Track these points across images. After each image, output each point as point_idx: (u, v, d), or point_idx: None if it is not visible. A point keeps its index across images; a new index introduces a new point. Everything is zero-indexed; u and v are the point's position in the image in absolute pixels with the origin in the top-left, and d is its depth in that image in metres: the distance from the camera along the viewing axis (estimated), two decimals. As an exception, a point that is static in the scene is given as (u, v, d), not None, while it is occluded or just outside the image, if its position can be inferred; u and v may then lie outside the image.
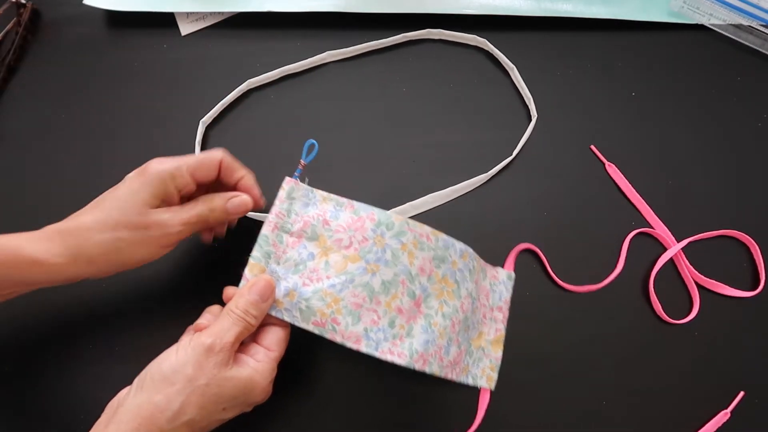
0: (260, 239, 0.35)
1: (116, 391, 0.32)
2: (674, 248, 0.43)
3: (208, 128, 0.48)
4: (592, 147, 0.47)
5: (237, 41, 0.52)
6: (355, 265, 0.34)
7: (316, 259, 0.35)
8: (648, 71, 0.50)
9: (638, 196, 0.45)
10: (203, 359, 0.30)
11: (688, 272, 0.43)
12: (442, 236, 0.37)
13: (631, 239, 0.44)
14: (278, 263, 0.35)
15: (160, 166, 0.34)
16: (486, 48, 0.51)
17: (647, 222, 0.45)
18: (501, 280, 0.42)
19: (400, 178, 0.46)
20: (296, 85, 0.50)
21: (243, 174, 0.37)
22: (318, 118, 0.43)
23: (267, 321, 0.34)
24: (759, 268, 0.43)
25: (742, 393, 0.40)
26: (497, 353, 0.40)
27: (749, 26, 0.50)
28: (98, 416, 0.31)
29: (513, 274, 0.42)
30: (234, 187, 0.37)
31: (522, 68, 0.49)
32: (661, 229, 0.44)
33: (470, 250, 0.38)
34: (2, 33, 0.51)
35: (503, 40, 0.50)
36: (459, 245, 0.37)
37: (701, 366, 0.41)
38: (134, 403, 0.29)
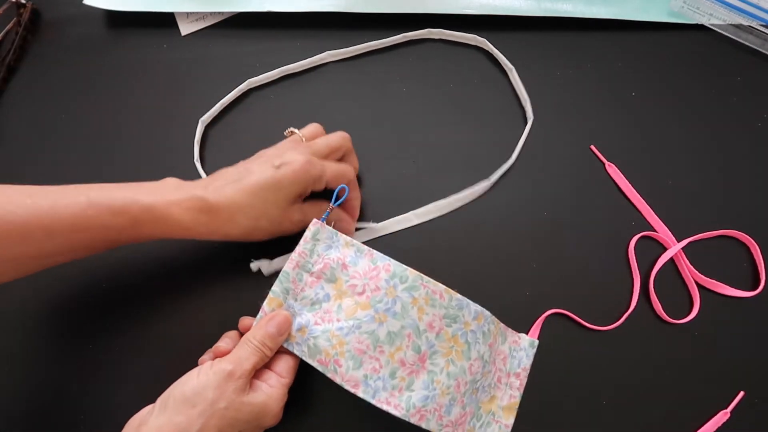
0: (282, 275, 0.36)
1: (114, 391, 0.32)
2: (674, 248, 0.43)
3: (208, 127, 0.48)
4: (592, 147, 0.47)
5: (237, 41, 0.52)
6: (365, 312, 0.35)
7: (331, 301, 0.36)
8: (648, 71, 0.50)
9: (638, 196, 0.45)
10: (224, 384, 0.32)
11: (689, 272, 0.43)
12: (457, 296, 0.36)
13: (635, 244, 0.44)
14: (295, 299, 0.36)
15: (313, 170, 0.37)
16: (485, 48, 0.51)
17: (647, 222, 0.45)
18: (522, 347, 0.41)
19: (400, 178, 0.46)
20: (296, 85, 0.50)
21: (357, 195, 0.41)
22: (318, 119, 0.43)
23: (279, 349, 0.36)
24: (759, 268, 0.43)
25: (741, 393, 0.40)
26: (508, 420, 0.39)
27: (749, 26, 0.50)
28: (94, 417, 0.31)
29: (536, 342, 0.41)
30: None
31: (522, 68, 0.49)
32: (661, 230, 0.44)
33: (487, 312, 0.37)
34: (2, 33, 0.51)
35: (503, 40, 0.50)
36: (474, 307, 0.37)
37: (701, 366, 0.41)
38: (156, 423, 0.31)
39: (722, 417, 0.39)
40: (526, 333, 0.41)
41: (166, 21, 0.52)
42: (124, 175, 0.46)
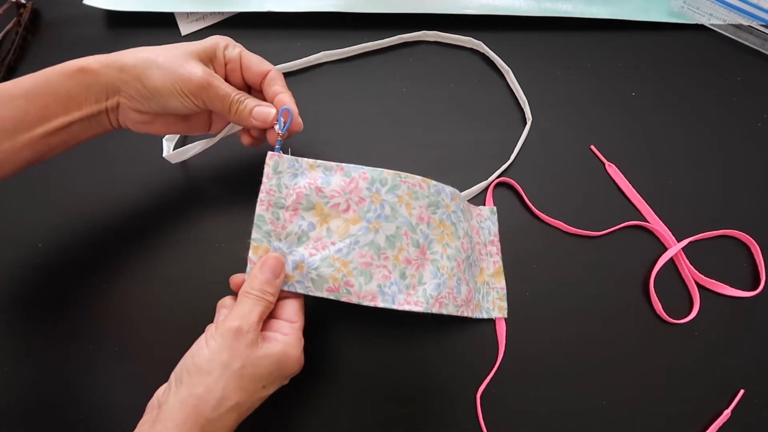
0: (257, 220, 0.35)
1: (118, 390, 0.32)
2: (674, 248, 0.43)
3: None
4: (592, 147, 0.47)
5: (237, 41, 0.52)
6: (357, 226, 0.35)
7: (317, 228, 0.35)
8: (648, 71, 0.50)
9: (638, 195, 0.45)
10: (234, 343, 0.30)
11: (689, 272, 0.43)
12: (432, 182, 0.38)
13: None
14: (280, 240, 0.35)
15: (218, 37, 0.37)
16: (482, 50, 0.51)
17: (648, 221, 0.45)
18: (486, 216, 0.44)
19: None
20: (294, 84, 0.50)
21: (282, 91, 0.38)
22: (317, 118, 0.43)
23: (280, 296, 0.35)
24: (759, 268, 0.43)
25: (742, 392, 0.40)
26: (500, 283, 0.42)
27: (749, 26, 0.50)
28: (94, 417, 0.31)
29: (494, 208, 0.44)
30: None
31: (522, 68, 0.49)
32: (661, 229, 0.44)
33: (458, 192, 0.40)
34: (2, 33, 0.51)
35: (503, 41, 0.50)
36: (448, 189, 0.39)
37: (701, 366, 0.41)
38: (176, 399, 0.29)
39: (723, 417, 0.39)
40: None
41: (166, 21, 0.52)
42: (124, 175, 0.47)
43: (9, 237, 0.44)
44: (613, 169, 0.46)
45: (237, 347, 0.30)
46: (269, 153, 0.36)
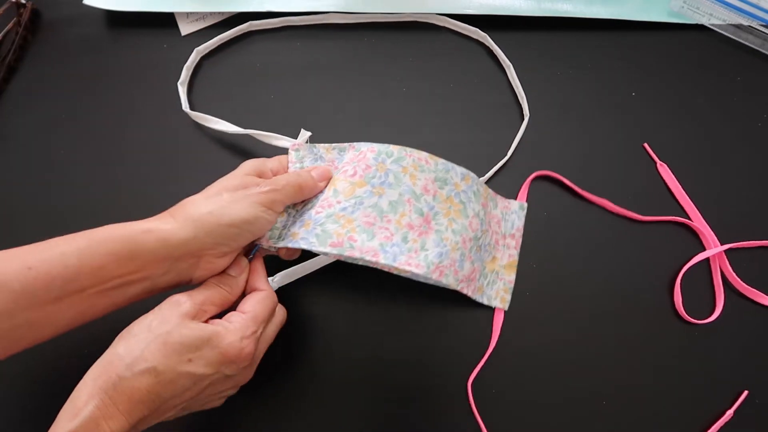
0: None
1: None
2: (714, 249, 0.43)
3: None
4: (645, 145, 0.47)
5: (237, 41, 0.52)
6: (362, 189, 0.37)
7: (325, 191, 0.38)
8: (648, 71, 0.50)
9: (686, 195, 0.45)
10: (167, 311, 0.31)
11: (721, 275, 0.42)
12: (441, 160, 0.39)
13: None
14: (296, 209, 0.38)
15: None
16: (486, 43, 0.50)
17: (692, 221, 0.45)
18: (513, 210, 0.44)
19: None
20: (294, 84, 0.50)
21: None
22: (316, 119, 0.43)
23: (251, 288, 0.36)
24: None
25: (745, 392, 0.40)
26: (510, 276, 0.42)
27: (749, 26, 0.50)
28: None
29: (525, 205, 0.44)
30: None
31: (521, 67, 0.49)
32: (704, 229, 0.44)
33: (473, 174, 0.40)
34: (2, 33, 0.51)
35: (503, 40, 0.50)
36: (459, 169, 0.40)
37: (703, 365, 0.41)
38: (101, 359, 0.30)
39: (726, 417, 0.39)
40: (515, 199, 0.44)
41: (166, 21, 0.52)
42: (124, 175, 0.47)
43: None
44: (664, 169, 0.46)
45: (168, 315, 0.31)
46: (291, 143, 0.40)
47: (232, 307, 0.35)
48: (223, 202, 0.33)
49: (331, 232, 0.35)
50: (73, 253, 0.30)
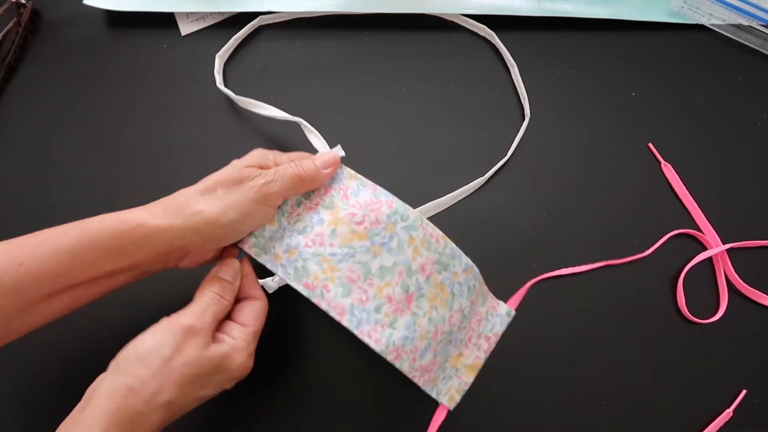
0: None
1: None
2: (716, 249, 0.43)
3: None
4: (650, 145, 0.47)
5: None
6: (360, 242, 0.35)
7: (324, 225, 0.36)
8: (648, 71, 0.50)
9: (691, 197, 0.45)
10: (182, 341, 0.30)
11: (724, 276, 0.43)
12: (451, 244, 0.37)
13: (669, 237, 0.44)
14: (289, 222, 0.36)
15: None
16: (493, 41, 0.50)
17: (696, 224, 0.45)
18: (498, 313, 0.41)
19: (400, 177, 0.46)
20: (293, 83, 0.50)
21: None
22: (316, 119, 0.43)
23: (242, 296, 0.35)
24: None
25: (744, 391, 0.40)
26: (469, 378, 0.40)
27: (749, 26, 0.50)
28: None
29: (513, 312, 0.42)
30: None
31: (521, 67, 0.49)
32: (705, 227, 0.44)
33: (476, 269, 0.38)
34: (2, 33, 0.51)
35: (502, 40, 0.50)
36: (465, 259, 0.38)
37: (704, 365, 0.41)
38: (110, 387, 0.28)
39: (725, 416, 0.39)
40: (505, 301, 0.42)
41: (166, 21, 0.52)
42: (124, 175, 0.47)
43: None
44: (668, 170, 0.46)
45: (183, 346, 0.29)
46: (324, 151, 0.39)
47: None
48: (215, 199, 0.32)
49: (310, 273, 0.34)
50: (66, 250, 0.29)
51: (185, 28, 0.52)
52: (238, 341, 0.32)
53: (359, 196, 0.37)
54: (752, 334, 0.42)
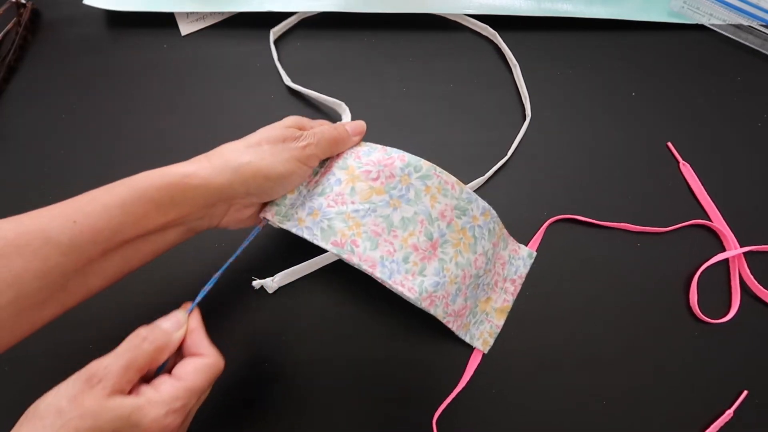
0: None
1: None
2: (733, 251, 0.43)
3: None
4: (669, 144, 0.47)
5: (237, 41, 0.52)
6: (380, 197, 0.36)
7: (343, 185, 0.36)
8: (648, 71, 0.50)
9: (706, 194, 0.45)
10: (80, 390, 0.26)
11: (739, 277, 0.42)
12: (467, 189, 0.38)
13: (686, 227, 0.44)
14: (308, 189, 0.37)
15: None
16: (495, 41, 0.50)
17: (712, 222, 0.45)
18: (521, 256, 0.43)
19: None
20: (293, 83, 0.50)
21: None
22: (316, 117, 0.43)
23: (187, 353, 0.31)
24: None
25: (745, 392, 0.40)
26: (499, 321, 0.41)
27: (749, 26, 0.50)
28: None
29: (534, 253, 0.43)
30: None
31: (522, 67, 0.49)
32: (724, 228, 0.44)
33: (493, 211, 0.39)
34: (2, 33, 0.51)
35: (503, 39, 0.50)
36: (482, 203, 0.39)
37: (706, 365, 0.41)
38: None
39: (725, 417, 0.39)
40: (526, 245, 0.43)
41: (166, 21, 0.52)
42: (124, 175, 0.46)
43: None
44: (687, 169, 0.46)
45: (80, 396, 0.26)
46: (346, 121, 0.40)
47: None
48: (263, 153, 0.33)
49: (337, 231, 0.35)
50: (116, 205, 0.29)
51: (185, 28, 0.52)
52: (162, 394, 0.28)
53: (371, 156, 0.38)
54: (762, 336, 0.41)
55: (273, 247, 0.43)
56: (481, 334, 0.40)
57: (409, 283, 0.35)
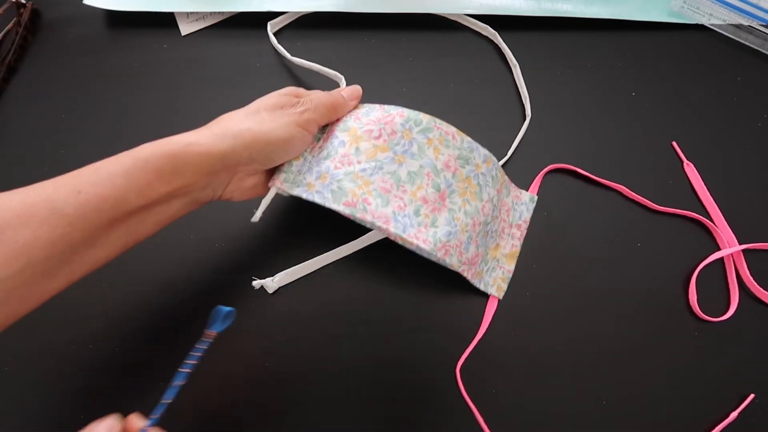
0: None
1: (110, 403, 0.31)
2: (730, 249, 0.43)
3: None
4: (674, 143, 0.47)
5: (237, 41, 0.52)
6: (384, 154, 0.37)
7: (347, 146, 0.37)
8: (648, 71, 0.50)
9: (708, 195, 0.45)
10: None
11: (735, 275, 0.42)
12: (467, 138, 0.39)
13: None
14: (313, 155, 0.38)
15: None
16: (495, 41, 0.51)
17: (712, 220, 0.44)
18: (523, 201, 0.44)
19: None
20: (292, 83, 0.50)
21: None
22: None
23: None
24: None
25: (752, 396, 0.40)
26: (510, 266, 0.42)
27: (749, 26, 0.50)
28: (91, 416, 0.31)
29: (536, 197, 0.44)
30: None
31: (522, 67, 0.49)
32: (721, 225, 0.44)
33: (494, 158, 0.40)
34: (2, 33, 0.51)
35: (503, 39, 0.50)
36: (483, 150, 0.39)
37: (709, 367, 0.41)
38: None
39: (729, 419, 0.39)
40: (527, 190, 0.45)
41: (166, 21, 0.52)
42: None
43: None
44: (690, 168, 0.46)
45: None
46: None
47: None
48: (262, 119, 0.34)
49: (347, 191, 0.35)
50: (120, 174, 0.30)
51: (185, 28, 0.52)
52: None
53: (371, 115, 0.38)
54: (761, 336, 0.41)
55: (273, 247, 0.43)
56: (494, 280, 0.41)
57: (423, 235, 0.36)
